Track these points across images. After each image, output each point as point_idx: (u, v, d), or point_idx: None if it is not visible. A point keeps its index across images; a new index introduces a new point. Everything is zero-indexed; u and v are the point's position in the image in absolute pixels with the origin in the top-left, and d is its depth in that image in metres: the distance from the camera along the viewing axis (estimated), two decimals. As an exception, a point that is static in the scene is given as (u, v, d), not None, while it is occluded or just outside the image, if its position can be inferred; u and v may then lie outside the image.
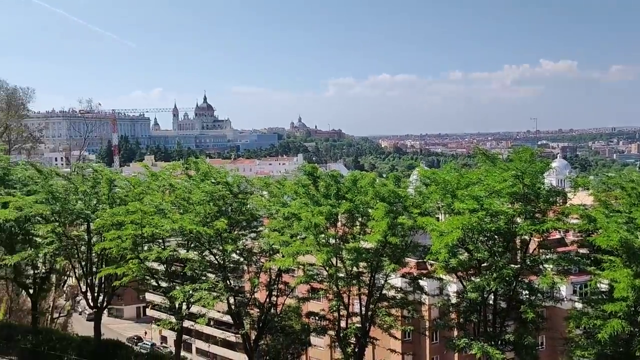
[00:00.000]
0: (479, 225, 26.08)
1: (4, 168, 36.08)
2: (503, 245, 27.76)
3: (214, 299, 29.84)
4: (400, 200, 29.60)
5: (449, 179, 28.81)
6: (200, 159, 37.54)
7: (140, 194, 32.75)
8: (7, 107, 76.17)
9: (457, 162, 43.48)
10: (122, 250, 29.79)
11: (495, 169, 28.56)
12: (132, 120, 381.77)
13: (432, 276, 32.34)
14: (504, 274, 26.08)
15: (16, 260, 32.02)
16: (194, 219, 29.64)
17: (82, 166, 39.88)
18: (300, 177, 32.00)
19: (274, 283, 32.82)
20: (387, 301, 32.12)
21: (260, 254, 32.65)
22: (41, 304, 43.77)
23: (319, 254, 27.93)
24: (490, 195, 27.02)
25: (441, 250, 25.30)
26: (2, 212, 30.87)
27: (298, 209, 29.40)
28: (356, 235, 30.22)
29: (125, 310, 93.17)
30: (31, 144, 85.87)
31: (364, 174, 33.16)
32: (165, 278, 32.73)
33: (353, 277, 30.38)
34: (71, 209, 32.58)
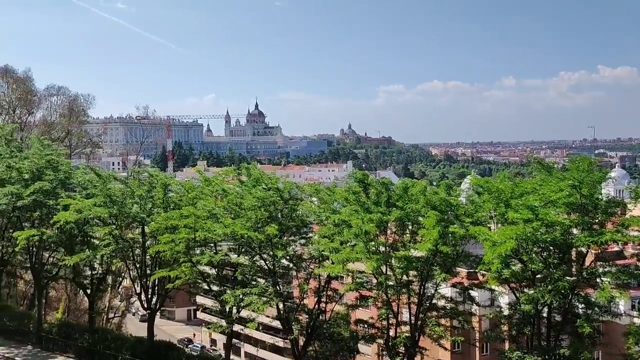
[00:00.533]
0: (534, 235, 25.43)
1: (65, 172, 37.46)
2: (559, 256, 26.96)
3: (263, 304, 30.13)
4: (452, 208, 29.20)
5: (502, 188, 28.22)
6: (252, 164, 38.03)
7: (194, 198, 33.39)
8: (69, 113, 79.07)
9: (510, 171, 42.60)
10: (176, 253, 30.44)
11: (551, 179, 27.82)
12: (186, 127, 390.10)
13: (483, 287, 31.74)
14: (560, 287, 25.31)
15: (75, 261, 33.17)
16: (246, 224, 30.03)
17: (139, 171, 40.96)
18: (351, 184, 32.00)
19: (323, 289, 32.85)
20: (437, 311, 31.68)
21: (309, 260, 32.78)
22: (97, 304, 45.17)
23: (369, 262, 27.84)
24: (545, 205, 26.33)
25: (494, 261, 24.82)
26: (63, 215, 32.08)
27: (348, 216, 29.39)
28: (406, 244, 29.98)
29: (177, 313, 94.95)
30: (90, 148, 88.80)
31: (415, 181, 32.90)
32: (217, 282, 33.21)
33: (403, 285, 30.12)
34: (127, 212, 33.50)
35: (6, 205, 35.03)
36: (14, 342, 38.78)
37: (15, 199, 34.75)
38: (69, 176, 37.61)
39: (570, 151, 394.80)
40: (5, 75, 76.17)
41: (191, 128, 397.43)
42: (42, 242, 36.20)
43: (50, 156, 37.91)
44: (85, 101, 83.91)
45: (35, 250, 38.10)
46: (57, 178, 36.17)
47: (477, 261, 28.86)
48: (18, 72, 77.70)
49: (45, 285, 42.90)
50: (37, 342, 38.29)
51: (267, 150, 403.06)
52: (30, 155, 38.57)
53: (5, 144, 41.28)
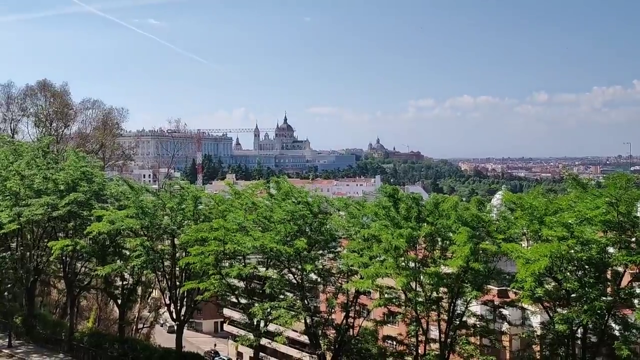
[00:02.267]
0: (569, 254, 24.91)
1: (99, 184, 38.17)
2: (595, 275, 26.31)
3: (291, 318, 30.05)
4: (483, 225, 28.82)
5: (536, 204, 27.73)
6: (282, 178, 38.16)
7: (224, 211, 33.58)
8: (103, 126, 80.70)
9: (542, 187, 41.88)
10: (205, 265, 30.57)
11: (587, 195, 27.24)
12: (216, 140, 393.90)
13: (515, 305, 31.19)
14: (596, 307, 24.66)
15: (107, 272, 33.63)
16: (275, 238, 30.04)
17: (170, 183, 41.42)
18: (381, 199, 31.81)
19: (351, 305, 32.64)
20: (467, 329, 31.18)
21: (338, 274, 32.64)
22: (127, 314, 45.60)
23: (398, 277, 27.57)
24: (581, 222, 25.77)
25: (527, 279, 24.34)
26: (96, 225, 32.60)
27: (378, 231, 29.20)
28: (437, 260, 29.64)
29: (204, 324, 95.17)
30: (123, 161, 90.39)
31: (446, 197, 32.62)
32: (245, 295, 33.26)
33: (432, 302, 29.74)
34: (159, 224, 33.90)
35: (42, 215, 35.78)
36: (46, 350, 39.40)
37: (50, 210, 35.52)
38: (103, 188, 38.28)
39: (604, 168, 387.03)
40: (44, 89, 78.17)
41: (221, 141, 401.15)
42: (76, 252, 36.83)
43: (85, 168, 38.68)
44: (119, 115, 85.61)
45: (68, 260, 38.76)
46: (91, 189, 36.86)
47: (509, 279, 28.36)
48: (55, 86, 79.70)
49: (78, 295, 43.54)
50: (68, 351, 38.81)
51: (295, 164, 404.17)
52: (66, 167, 39.39)
53: (42, 155, 42.23)
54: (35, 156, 41.75)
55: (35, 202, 35.84)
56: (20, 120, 78.84)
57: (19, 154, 42.85)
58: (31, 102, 78.44)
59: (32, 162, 40.57)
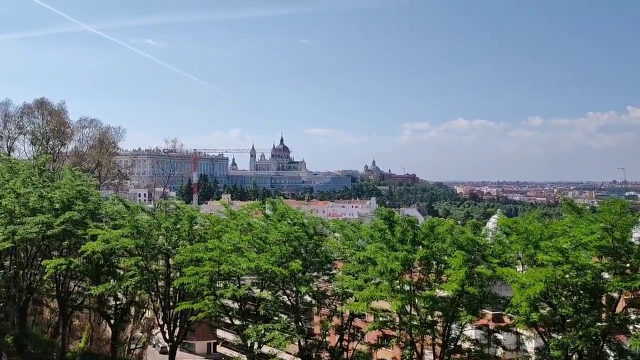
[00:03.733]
0: (564, 279, 24.91)
1: (95, 202, 38.12)
2: (590, 301, 26.30)
3: (285, 340, 29.87)
4: (479, 248, 28.86)
5: (531, 228, 27.80)
6: (278, 199, 38.19)
7: (219, 231, 33.55)
8: (99, 145, 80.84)
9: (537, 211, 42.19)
10: (199, 286, 30.46)
11: (582, 221, 27.35)
12: (212, 160, 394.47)
13: (510, 330, 31.12)
14: (591, 333, 24.60)
15: (100, 291, 33.44)
16: (270, 259, 29.98)
17: (166, 203, 41.42)
18: (377, 221, 31.85)
19: (346, 327, 32.50)
20: (462, 353, 31.02)
21: (333, 297, 32.55)
22: (120, 334, 45.21)
23: (394, 300, 27.48)
24: (576, 247, 25.82)
25: (522, 303, 24.33)
26: (90, 245, 32.52)
27: (373, 253, 29.15)
28: (432, 283, 29.61)
29: (197, 346, 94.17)
30: (119, 180, 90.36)
31: (442, 220, 32.66)
32: (239, 316, 33.10)
33: (427, 325, 29.62)
34: (153, 244, 33.86)
35: (37, 233, 35.62)
36: (36, 371, 38.95)
37: (45, 228, 35.37)
38: (98, 207, 38.23)
39: (599, 193, 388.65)
40: (41, 107, 78.43)
41: (217, 161, 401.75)
42: (69, 271, 36.66)
43: (81, 187, 38.64)
44: (116, 133, 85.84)
45: (62, 279, 38.56)
46: (86, 208, 36.79)
47: (504, 303, 28.32)
48: (53, 104, 79.98)
49: (70, 314, 43.23)
50: (59, 371, 38.39)
51: (291, 185, 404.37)
52: (62, 185, 39.34)
53: (38, 174, 42.21)
54: (31, 174, 41.71)
55: (30, 220, 35.70)
56: (17, 138, 78.97)
57: (15, 172, 42.78)
58: (28, 120, 78.65)
59: (28, 180, 40.51)
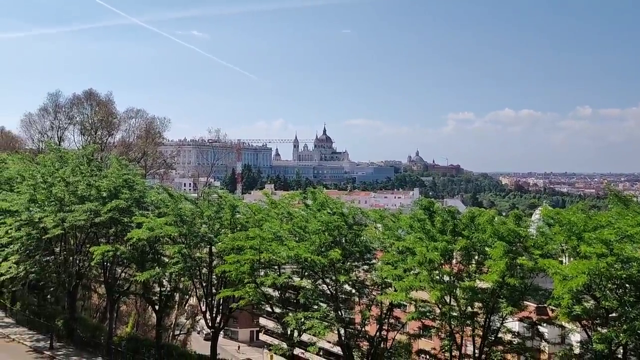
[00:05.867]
0: (608, 271, 24.31)
1: (140, 191, 39.10)
2: (635, 294, 25.62)
3: (325, 328, 30.09)
4: (520, 240, 28.42)
5: (575, 220, 27.20)
6: (318, 189, 38.37)
7: (260, 220, 33.97)
8: (145, 135, 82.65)
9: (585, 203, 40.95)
10: (241, 274, 30.96)
11: (628, 212, 26.63)
12: (255, 150, 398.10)
13: (553, 323, 30.62)
14: (636, 326, 23.98)
15: (145, 278, 34.33)
16: (309, 248, 30.23)
17: (209, 192, 42.12)
18: (416, 211, 31.71)
19: (385, 317, 32.51)
20: (503, 345, 30.70)
21: (372, 286, 32.59)
22: (164, 320, 46.39)
23: (433, 291, 27.39)
24: (621, 239, 25.17)
25: (564, 296, 23.88)
26: (136, 232, 33.42)
27: (413, 243, 29.11)
28: (472, 274, 29.34)
29: (240, 333, 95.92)
30: (164, 169, 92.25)
31: (482, 210, 32.25)
32: (279, 304, 33.50)
33: (467, 317, 29.40)
34: (196, 232, 34.52)
35: (85, 221, 36.85)
36: (85, 353, 40.35)
37: (93, 216, 36.57)
38: (144, 195, 39.16)
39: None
40: (89, 99, 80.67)
41: (260, 152, 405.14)
42: (116, 258, 37.69)
43: (127, 176, 39.66)
44: (162, 124, 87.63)
45: (109, 266, 39.69)
46: (132, 197, 37.75)
47: (547, 295, 27.86)
48: (100, 95, 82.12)
49: (117, 300, 44.52)
50: (107, 354, 39.64)
51: (333, 175, 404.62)
52: (109, 174, 40.48)
53: (86, 163, 43.50)
54: (80, 163, 42.96)
55: (79, 208, 36.92)
56: (67, 128, 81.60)
57: (65, 161, 44.15)
58: (77, 111, 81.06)
59: (77, 169, 41.77)
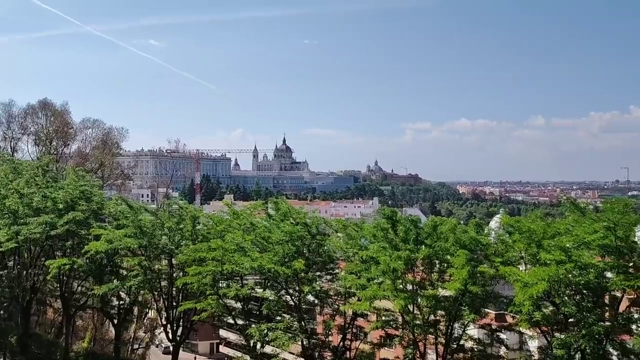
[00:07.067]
0: (567, 278, 24.93)
1: (98, 203, 38.21)
2: (593, 300, 26.31)
3: (288, 340, 29.95)
4: (481, 248, 28.89)
5: (534, 228, 27.81)
6: (281, 199, 38.24)
7: (222, 231, 33.61)
8: (102, 145, 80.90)
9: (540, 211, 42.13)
10: (202, 286, 30.55)
11: (585, 220, 27.35)
12: (214, 160, 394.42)
13: (513, 329, 31.14)
14: (594, 332, 24.59)
15: (104, 291, 33.55)
16: (273, 258, 30.04)
17: (169, 203, 41.51)
18: (379, 221, 31.89)
19: (349, 327, 32.53)
20: (465, 352, 31.08)
21: (335, 296, 32.58)
22: (123, 334, 45.28)
23: (396, 300, 27.54)
24: (579, 246, 25.84)
25: (525, 303, 24.32)
26: (94, 244, 32.62)
27: (376, 253, 29.22)
28: (434, 282, 29.65)
29: (200, 346, 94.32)
30: (122, 180, 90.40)
31: (444, 219, 32.68)
32: (242, 316, 33.16)
33: (430, 325, 29.65)
34: (157, 244, 33.95)
35: (40, 234, 35.71)
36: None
37: (49, 228, 35.47)
38: (101, 207, 38.31)
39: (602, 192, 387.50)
40: (44, 108, 78.53)
41: (219, 162, 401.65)
42: (73, 271, 36.74)
43: (84, 187, 38.73)
44: (119, 134, 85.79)
45: (65, 279, 38.61)
46: (89, 208, 36.88)
47: (507, 302, 28.33)
48: (56, 105, 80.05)
49: (74, 314, 43.28)
50: (62, 371, 38.48)
51: (293, 185, 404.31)
52: (65, 185, 39.42)
53: (41, 174, 42.28)
54: (35, 175, 41.76)
55: (34, 220, 35.78)
56: (21, 138, 79.02)
57: (19, 173, 42.86)
58: (32, 121, 78.73)
59: (32, 180, 40.60)
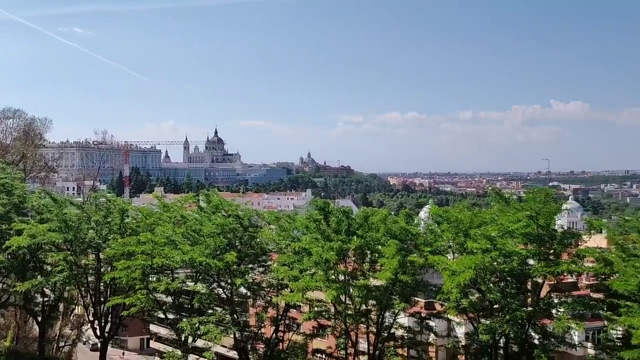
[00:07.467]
0: (492, 265, 25.84)
1: (19, 196, 36.54)
2: (516, 287, 27.42)
3: (220, 333, 29.62)
4: (411, 237, 29.50)
5: (461, 217, 28.66)
6: (212, 191, 37.71)
7: (152, 224, 32.85)
8: (24, 136, 77.21)
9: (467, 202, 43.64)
10: (132, 280, 29.77)
11: (509, 209, 28.42)
12: (144, 153, 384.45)
13: (441, 316, 32.01)
14: (517, 317, 25.65)
15: (27, 288, 32.16)
16: (204, 251, 29.61)
17: (96, 196, 40.19)
18: (312, 212, 32.00)
19: (281, 318, 32.55)
20: (395, 340, 31.72)
21: (268, 288, 32.50)
22: (48, 332, 43.58)
23: (328, 290, 27.74)
24: (503, 235, 26.82)
25: (453, 290, 25.05)
26: (15, 240, 31.21)
27: (309, 244, 29.33)
28: (366, 272, 30.05)
29: (130, 341, 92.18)
30: (45, 173, 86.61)
31: (375, 210, 33.15)
32: (173, 310, 32.57)
33: (361, 314, 30.08)
34: (83, 238, 32.87)
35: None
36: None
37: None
38: (23, 200, 36.71)
39: (525, 183, 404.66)
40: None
41: (149, 154, 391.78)
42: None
43: (5, 180, 36.92)
44: (42, 125, 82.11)
45: (-16, 276, 36.70)
46: (10, 202, 35.32)
47: (436, 291, 29.10)
48: (-28, 93, 75.76)
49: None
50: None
51: (225, 178, 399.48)
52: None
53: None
54: (-50, 167, 39.42)
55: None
56: None
57: None
58: (-54, 111, 74.23)
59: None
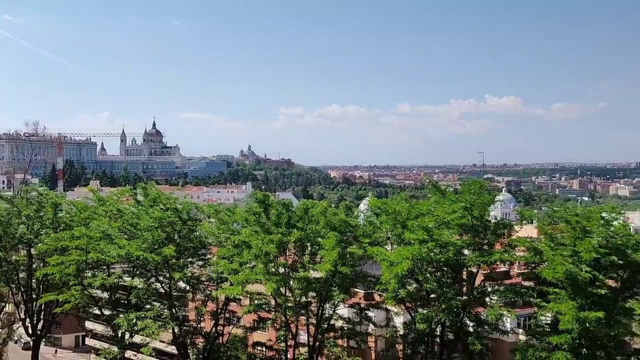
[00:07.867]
0: (429, 256, 26.42)
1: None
2: (451, 276, 28.14)
3: (158, 328, 29.21)
4: (351, 229, 29.81)
5: (399, 209, 29.17)
6: (150, 184, 36.95)
7: (87, 219, 31.96)
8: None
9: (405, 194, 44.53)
10: (65, 276, 28.92)
11: (445, 201, 29.11)
12: (79, 145, 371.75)
13: (380, 307, 32.54)
14: (453, 306, 26.35)
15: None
16: (142, 245, 29.03)
17: (27, 190, 38.71)
18: (252, 205, 31.86)
19: (221, 312, 32.34)
20: (335, 331, 32.07)
21: (208, 282, 32.20)
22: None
23: (269, 283, 27.73)
24: (439, 226, 27.45)
25: (391, 281, 25.50)
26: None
27: (248, 237, 29.19)
28: (306, 265, 30.19)
29: (64, 339, 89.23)
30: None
31: (315, 202, 33.33)
32: (109, 306, 31.82)
33: (302, 306, 30.23)
34: (13, 233, 31.73)
35: None
36: None
37: None
38: (-55, 194, 34.83)
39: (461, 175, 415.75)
40: None
41: (84, 146, 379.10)
42: None
43: None
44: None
45: None
46: None
47: (375, 281, 29.54)
48: None
49: None
50: None
51: (164, 171, 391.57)
52: None
53: None
54: None
55: None
56: None
57: None
58: None
59: None
